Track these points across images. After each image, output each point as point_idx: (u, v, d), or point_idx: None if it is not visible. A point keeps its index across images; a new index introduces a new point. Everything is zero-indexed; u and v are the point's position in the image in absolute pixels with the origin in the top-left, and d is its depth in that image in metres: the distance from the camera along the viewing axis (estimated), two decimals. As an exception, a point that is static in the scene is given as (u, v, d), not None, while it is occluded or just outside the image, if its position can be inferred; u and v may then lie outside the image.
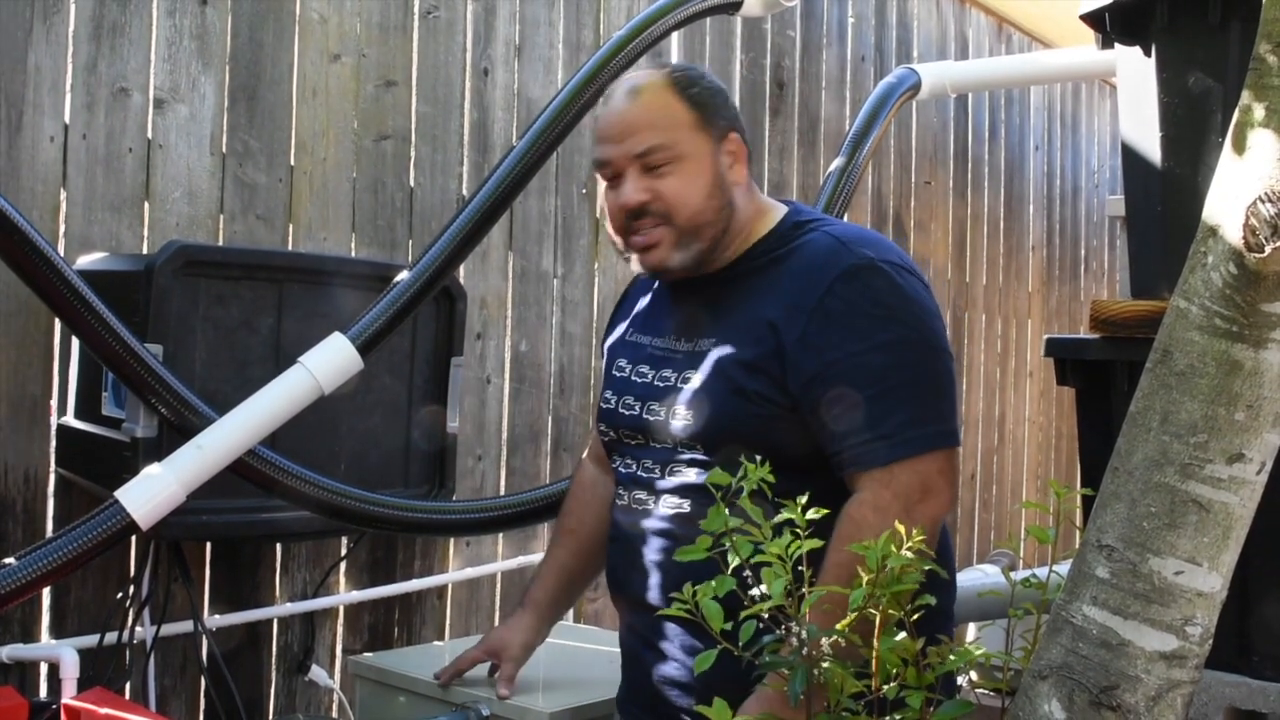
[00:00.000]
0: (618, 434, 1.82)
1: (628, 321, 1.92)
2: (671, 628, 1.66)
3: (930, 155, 4.62)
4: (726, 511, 1.26)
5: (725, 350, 1.68)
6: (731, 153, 1.74)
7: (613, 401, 1.83)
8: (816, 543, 1.22)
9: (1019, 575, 1.39)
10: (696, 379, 1.69)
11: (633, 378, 1.80)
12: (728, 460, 1.43)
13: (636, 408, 1.77)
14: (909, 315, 1.64)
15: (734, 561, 1.24)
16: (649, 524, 1.74)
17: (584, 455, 2.10)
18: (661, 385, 1.74)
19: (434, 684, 2.04)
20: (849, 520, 1.57)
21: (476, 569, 2.97)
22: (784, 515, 1.25)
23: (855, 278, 1.63)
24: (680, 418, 1.69)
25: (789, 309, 1.63)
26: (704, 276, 1.75)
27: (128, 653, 2.29)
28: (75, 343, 2.24)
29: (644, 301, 1.91)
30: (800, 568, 1.21)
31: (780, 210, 1.79)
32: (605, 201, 1.76)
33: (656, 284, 1.88)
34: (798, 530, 1.23)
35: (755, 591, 1.22)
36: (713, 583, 1.24)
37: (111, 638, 2.23)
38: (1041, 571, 1.34)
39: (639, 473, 1.77)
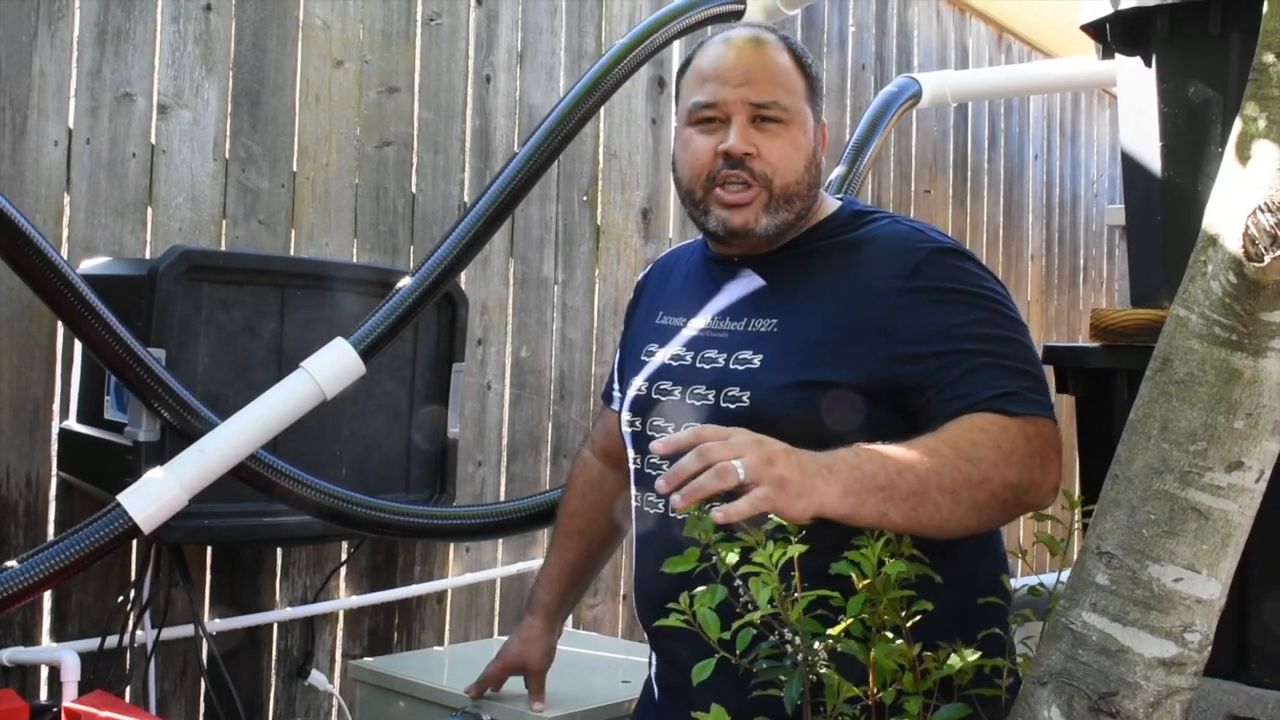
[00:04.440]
0: (645, 425, 1.69)
1: (653, 305, 1.81)
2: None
3: (930, 164, 4.63)
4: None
5: (793, 332, 1.59)
6: (822, 137, 1.70)
7: (645, 389, 1.70)
8: (801, 547, 1.20)
9: (1023, 583, 1.39)
10: (755, 359, 1.58)
11: (669, 361, 1.68)
12: None
13: (676, 393, 1.64)
14: (1002, 297, 1.58)
15: (724, 569, 1.22)
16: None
17: (584, 451, 2.02)
18: (706, 367, 1.63)
19: (433, 688, 2.05)
20: (987, 420, 1.44)
21: (476, 574, 2.98)
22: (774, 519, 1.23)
23: (942, 260, 1.57)
24: (731, 400, 1.58)
25: (873, 288, 1.56)
26: (753, 256, 1.67)
27: (128, 656, 2.29)
28: (78, 346, 2.25)
29: (671, 285, 1.81)
30: (792, 573, 1.21)
31: (835, 201, 1.73)
32: (687, 147, 1.65)
33: (687, 265, 1.80)
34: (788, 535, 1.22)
35: (749, 596, 1.21)
36: (705, 592, 1.23)
37: (112, 641, 2.24)
38: (1048, 579, 1.34)
39: None
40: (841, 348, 1.54)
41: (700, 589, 1.23)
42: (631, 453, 1.75)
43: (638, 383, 1.73)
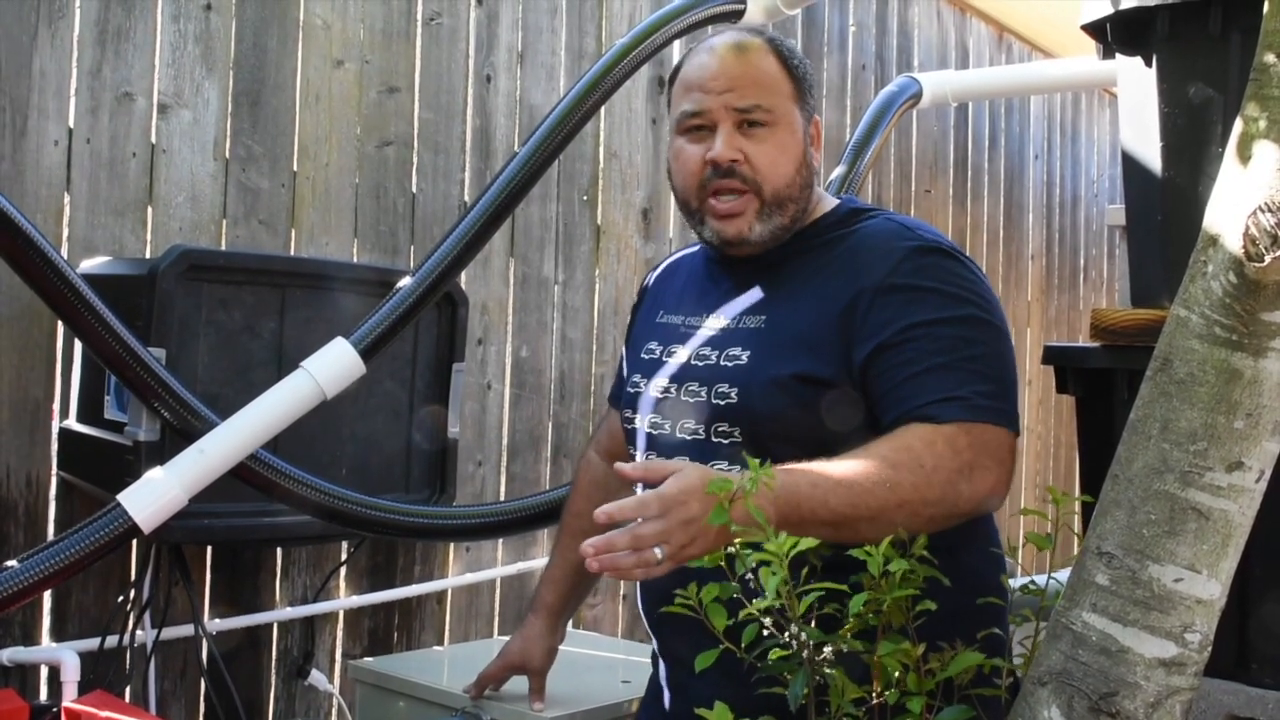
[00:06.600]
0: (644, 423, 1.72)
1: (655, 305, 1.83)
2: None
3: (930, 164, 4.63)
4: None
5: (779, 328, 1.61)
6: (814, 135, 1.70)
7: (642, 384, 1.73)
8: (814, 542, 1.21)
9: (1018, 582, 1.39)
10: (744, 356, 1.61)
11: (664, 358, 1.71)
12: (761, 447, 1.42)
13: (673, 390, 1.67)
14: (979, 298, 1.57)
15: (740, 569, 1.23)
16: None
17: (589, 451, 2.04)
18: (700, 365, 1.65)
19: (433, 688, 2.04)
20: (915, 434, 1.45)
21: (476, 574, 2.98)
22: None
23: (925, 256, 1.57)
24: (720, 397, 1.60)
25: (854, 285, 1.56)
26: (749, 256, 1.68)
27: (128, 656, 2.29)
28: (78, 346, 2.25)
29: (673, 285, 1.83)
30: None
31: (834, 200, 1.74)
32: (679, 157, 1.68)
33: (690, 266, 1.82)
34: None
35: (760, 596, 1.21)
36: (714, 584, 1.23)
37: (112, 641, 2.24)
38: (1040, 578, 1.34)
39: None
40: (822, 343, 1.56)
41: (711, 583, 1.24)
42: (632, 450, 1.77)
43: (637, 379, 1.76)
